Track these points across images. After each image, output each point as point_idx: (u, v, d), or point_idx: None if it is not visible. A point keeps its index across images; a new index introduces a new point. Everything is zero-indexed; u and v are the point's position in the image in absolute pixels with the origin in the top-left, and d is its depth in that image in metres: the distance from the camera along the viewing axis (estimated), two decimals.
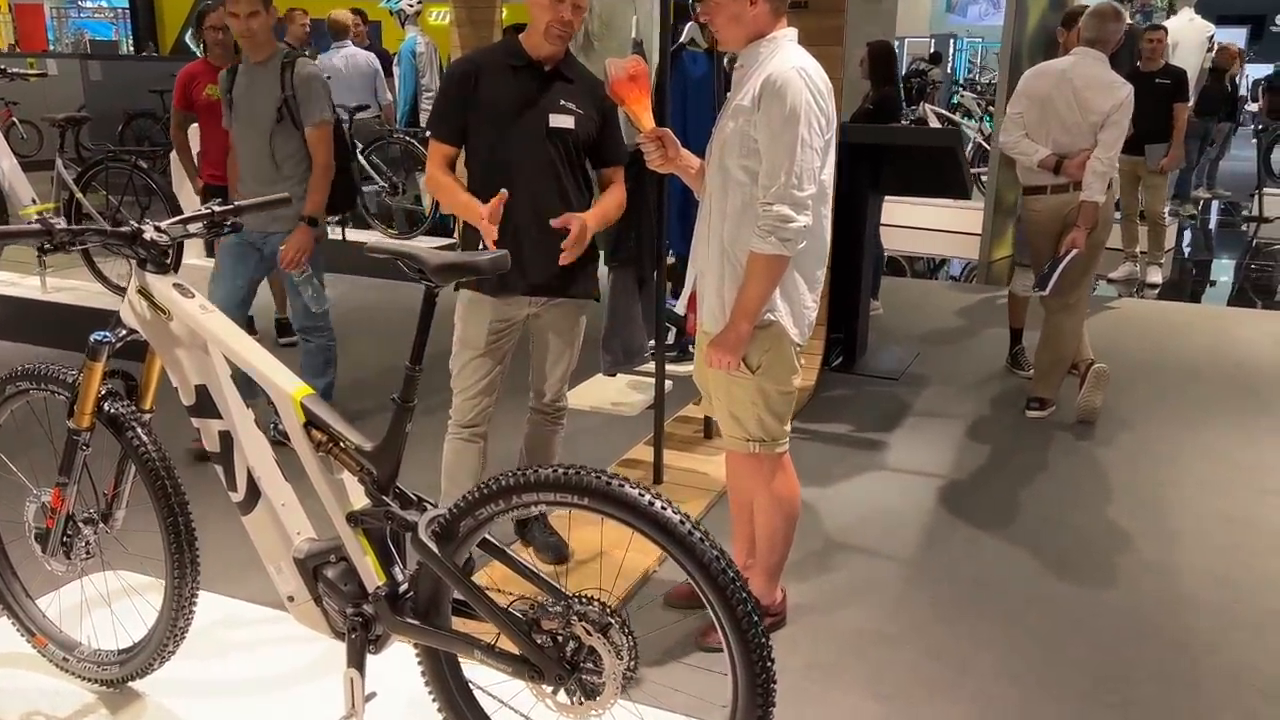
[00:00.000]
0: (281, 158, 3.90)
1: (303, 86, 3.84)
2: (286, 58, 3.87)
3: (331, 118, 3.91)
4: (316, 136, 3.87)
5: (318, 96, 3.86)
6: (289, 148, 3.89)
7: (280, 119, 3.84)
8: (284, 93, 3.83)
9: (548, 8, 2.71)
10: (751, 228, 2.43)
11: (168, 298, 2.03)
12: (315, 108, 3.85)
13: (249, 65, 3.91)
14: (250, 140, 3.92)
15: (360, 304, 6.68)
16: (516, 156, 2.80)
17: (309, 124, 3.86)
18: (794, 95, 2.34)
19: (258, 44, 3.83)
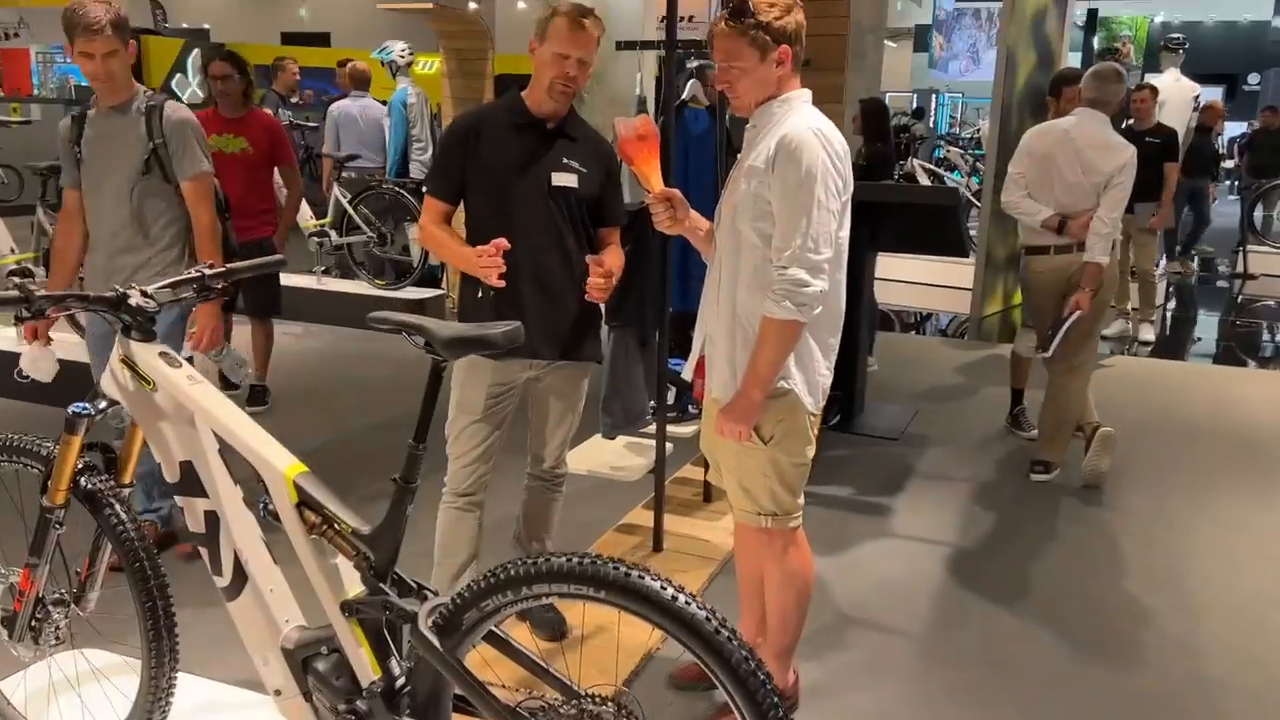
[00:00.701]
0: (150, 218, 3.28)
1: (175, 133, 3.24)
2: (152, 101, 3.26)
3: (211, 169, 3.35)
4: (196, 191, 3.28)
5: (194, 144, 3.28)
6: (158, 206, 3.28)
7: (147, 171, 3.23)
8: (151, 141, 3.21)
9: (551, 64, 2.64)
10: (764, 292, 2.33)
11: (153, 367, 1.90)
12: (191, 157, 3.27)
13: (102, 111, 3.25)
14: (106, 199, 3.26)
15: (343, 356, 6.54)
16: (518, 216, 2.70)
17: (185, 177, 3.26)
18: (810, 157, 2.26)
19: (116, 86, 3.18)
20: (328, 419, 5.22)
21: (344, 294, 7.30)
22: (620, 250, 2.89)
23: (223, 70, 4.82)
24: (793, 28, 2.34)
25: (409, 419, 1.77)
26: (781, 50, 2.33)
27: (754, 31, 2.31)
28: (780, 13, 2.32)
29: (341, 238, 7.29)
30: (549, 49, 2.63)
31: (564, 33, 2.62)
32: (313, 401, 5.56)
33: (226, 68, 4.82)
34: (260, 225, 4.91)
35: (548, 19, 2.66)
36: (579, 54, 2.63)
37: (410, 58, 7.35)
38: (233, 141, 4.85)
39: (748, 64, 2.35)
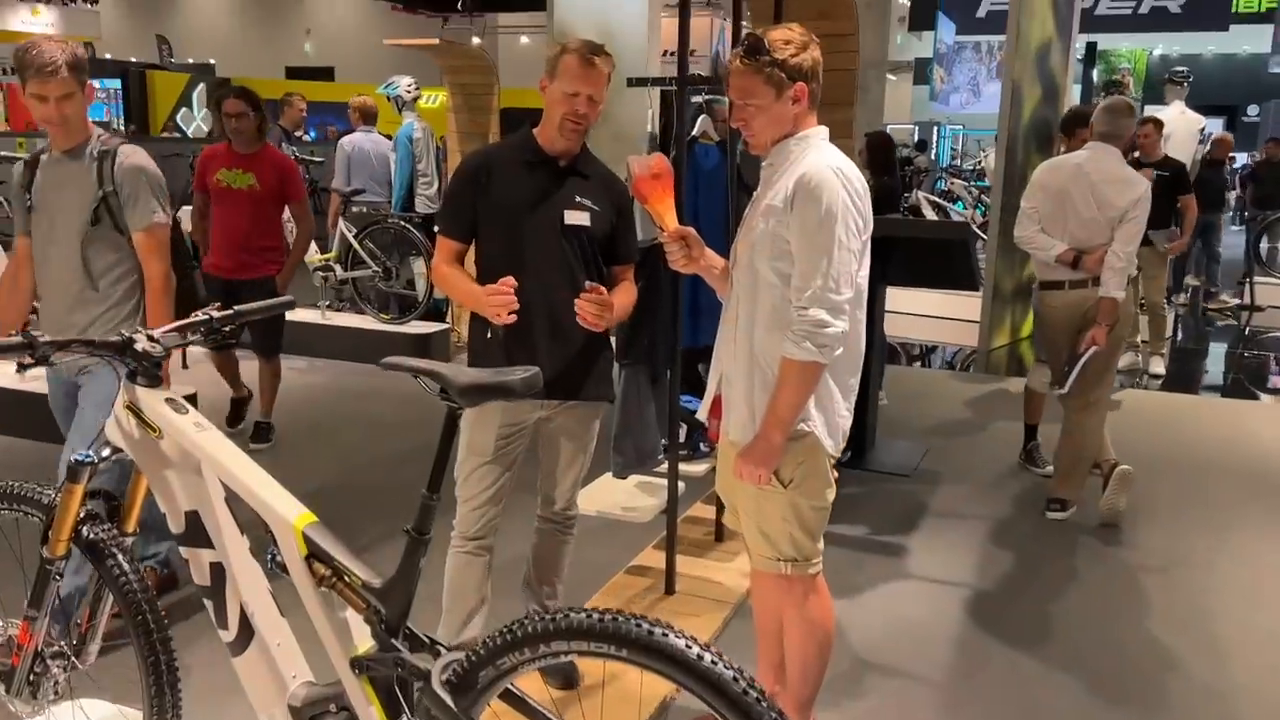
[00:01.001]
0: (98, 271, 3.01)
1: (128, 181, 2.97)
2: (105, 146, 2.99)
3: (167, 219, 3.06)
4: (148, 243, 3.00)
5: (147, 192, 2.99)
6: (108, 259, 3.02)
7: (96, 221, 2.96)
8: (101, 189, 2.95)
9: (562, 102, 2.60)
10: (783, 332, 2.29)
11: (159, 414, 1.85)
12: (144, 207, 2.98)
13: (54, 156, 3.02)
14: (55, 249, 3.03)
15: (348, 391, 6.48)
16: (530, 254, 2.66)
17: (137, 228, 2.99)
18: (830, 195, 2.22)
19: (70, 130, 2.95)
20: (333, 455, 5.16)
21: (349, 328, 7.25)
22: (633, 288, 2.84)
23: (238, 108, 4.79)
24: (809, 65, 2.31)
25: (415, 455, 1.72)
26: (797, 88, 2.30)
27: (769, 69, 2.28)
28: (796, 50, 2.29)
29: (347, 272, 7.26)
30: (559, 86, 2.60)
31: (574, 70, 2.59)
32: (318, 437, 5.50)
33: (241, 105, 4.79)
34: (265, 263, 4.87)
35: (558, 56, 2.63)
36: (589, 91, 2.60)
37: (416, 93, 7.36)
38: (241, 177, 4.82)
39: (763, 101, 2.31)
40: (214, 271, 4.82)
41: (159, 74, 19.82)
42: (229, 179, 4.78)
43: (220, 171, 4.82)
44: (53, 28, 21.67)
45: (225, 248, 4.85)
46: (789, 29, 2.32)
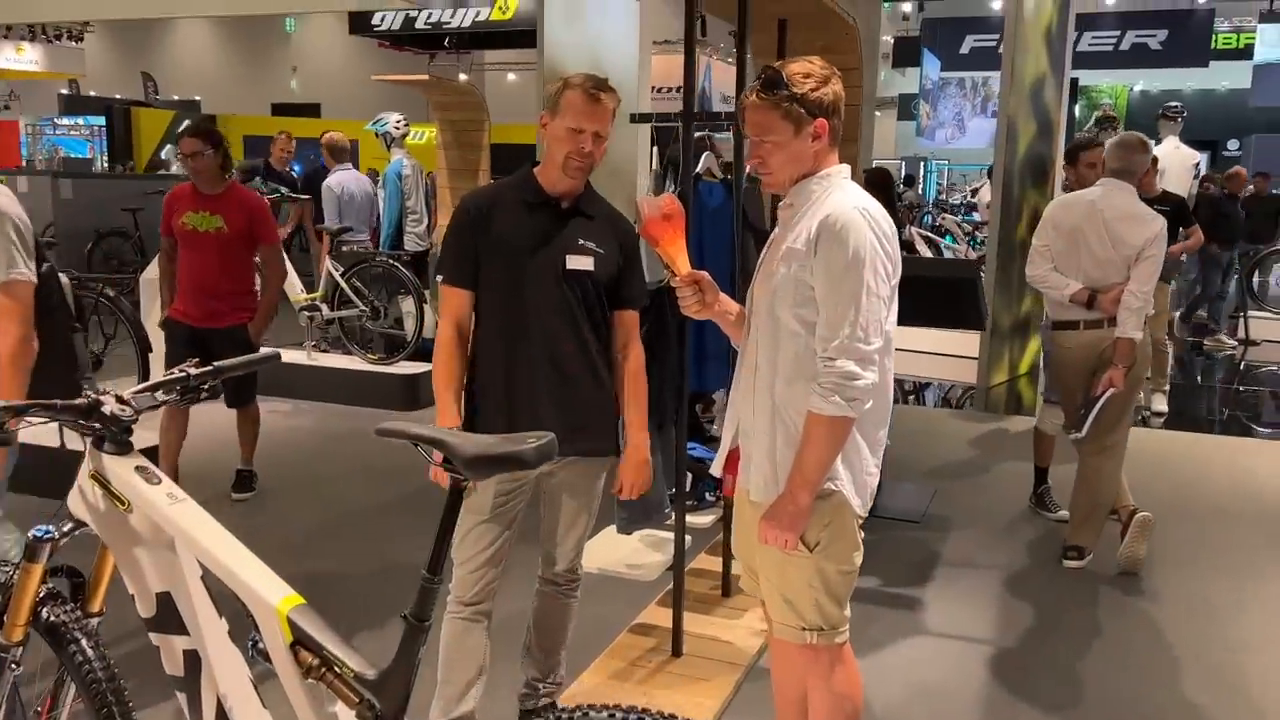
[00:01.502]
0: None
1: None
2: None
3: (29, 274, 2.53)
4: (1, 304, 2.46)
5: (3, 242, 2.48)
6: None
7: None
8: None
9: (565, 140, 2.45)
10: (808, 384, 2.13)
11: (129, 484, 1.66)
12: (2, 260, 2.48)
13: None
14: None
15: (334, 434, 6.27)
16: (530, 301, 2.50)
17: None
18: (857, 238, 2.07)
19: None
20: (319, 503, 4.95)
21: (335, 369, 7.06)
22: (639, 343, 2.68)
23: (193, 147, 4.41)
24: (830, 100, 2.17)
25: (405, 503, 1.54)
26: (818, 124, 2.15)
27: (788, 104, 2.14)
28: (816, 84, 2.15)
29: (333, 311, 7.08)
30: (562, 123, 2.45)
31: (578, 106, 2.44)
32: (303, 483, 5.29)
33: (197, 144, 4.40)
34: (235, 311, 4.55)
35: (560, 92, 2.49)
36: (595, 127, 2.46)
37: (405, 129, 7.23)
38: (207, 220, 4.48)
39: (781, 138, 2.17)
40: (181, 319, 4.54)
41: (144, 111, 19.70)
42: (195, 222, 4.47)
43: (186, 214, 4.49)
44: (37, 65, 21.52)
45: (193, 295, 4.53)
46: (809, 62, 2.18)
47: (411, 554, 4.18)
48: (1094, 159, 4.80)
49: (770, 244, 2.33)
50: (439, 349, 2.56)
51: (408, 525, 4.59)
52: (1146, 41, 21.30)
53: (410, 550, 4.25)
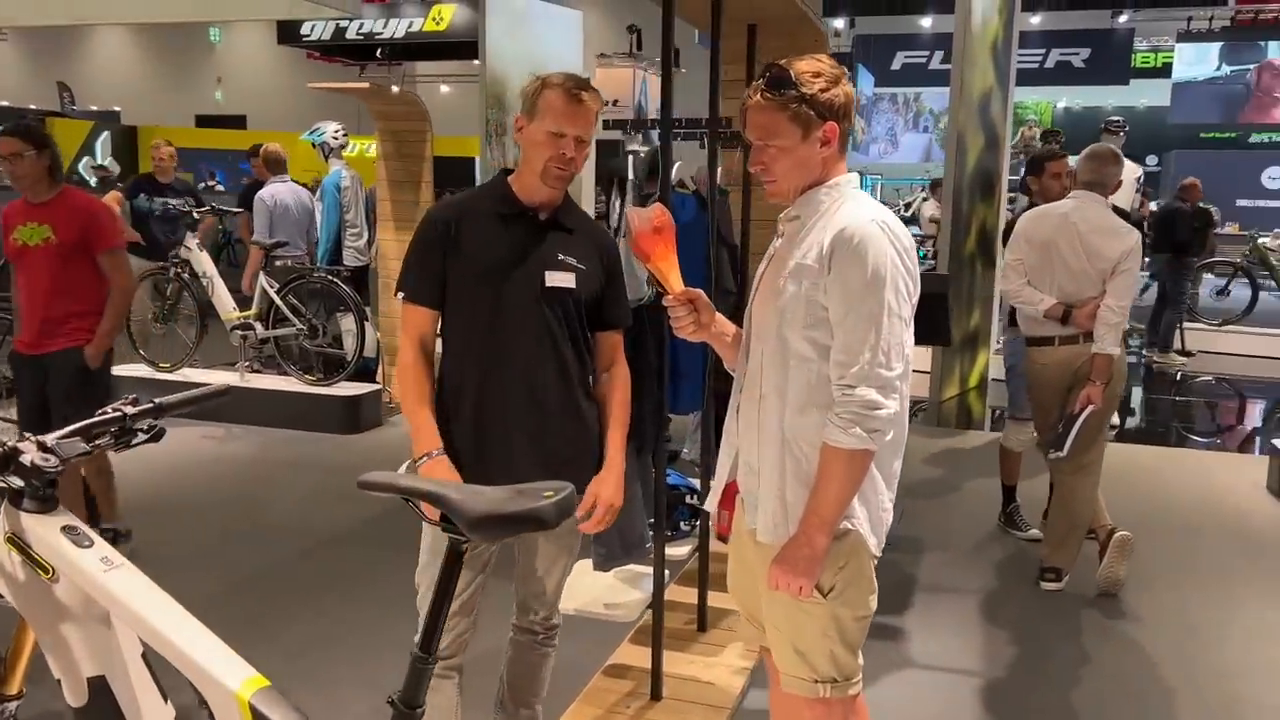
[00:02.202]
0: None
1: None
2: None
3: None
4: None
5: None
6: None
7: None
8: None
9: (544, 145, 2.23)
10: (821, 413, 1.94)
11: (54, 549, 1.40)
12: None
13: None
14: None
15: (271, 462, 5.93)
16: (505, 323, 2.28)
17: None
18: (876, 254, 1.89)
19: None
20: (258, 540, 4.62)
21: (271, 391, 6.70)
22: (625, 365, 2.47)
23: (12, 147, 3.77)
24: (841, 101, 1.98)
25: (363, 532, 1.33)
26: (827, 128, 1.96)
27: (796, 105, 1.95)
28: (826, 84, 1.96)
29: (268, 330, 6.73)
30: (540, 127, 2.23)
31: (559, 107, 2.23)
32: (239, 517, 4.95)
33: (17, 144, 3.78)
34: (71, 332, 3.88)
35: (537, 92, 2.26)
36: (576, 131, 2.24)
37: (344, 139, 6.92)
38: (36, 232, 3.83)
39: (787, 142, 1.97)
40: (21, 350, 3.94)
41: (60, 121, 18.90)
42: (24, 236, 3.83)
43: (16, 229, 3.86)
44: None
45: (28, 318, 3.92)
46: (818, 60, 2.00)
47: (381, 595, 3.91)
48: (1058, 169, 4.75)
49: (771, 259, 2.14)
50: (403, 372, 2.32)
51: (370, 559, 4.30)
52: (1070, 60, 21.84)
53: (379, 591, 3.97)
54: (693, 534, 3.63)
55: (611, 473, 2.36)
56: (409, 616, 2.22)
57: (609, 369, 2.44)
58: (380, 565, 4.25)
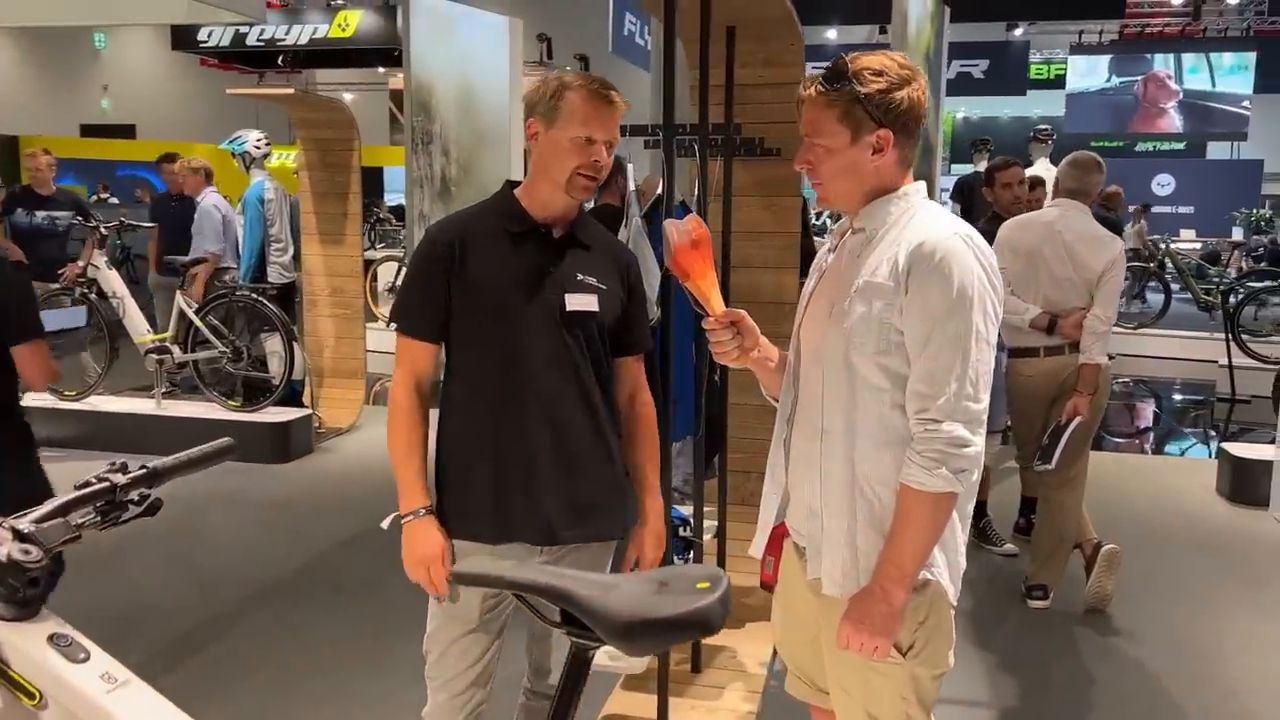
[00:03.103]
0: None
1: None
2: None
3: None
4: None
5: None
6: None
7: None
8: None
9: (572, 152, 1.98)
10: (896, 451, 1.74)
11: (39, 666, 1.09)
12: None
13: None
14: None
15: (196, 499, 5.46)
16: (523, 354, 2.02)
17: None
18: (963, 272, 1.70)
19: None
20: (194, 593, 4.20)
21: (191, 420, 6.22)
22: (648, 391, 2.24)
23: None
24: (903, 107, 1.76)
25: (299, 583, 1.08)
26: (881, 134, 1.76)
27: (849, 104, 1.75)
28: (889, 84, 1.76)
29: (186, 353, 6.26)
30: (565, 133, 1.99)
31: (587, 110, 1.98)
32: (169, 567, 4.51)
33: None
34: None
35: (556, 94, 2.01)
36: (607, 136, 2.01)
37: (266, 149, 6.49)
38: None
39: (833, 143, 1.77)
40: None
41: None
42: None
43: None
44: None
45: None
46: (887, 57, 1.80)
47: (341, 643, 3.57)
48: (1009, 179, 4.71)
49: (823, 275, 1.93)
50: (396, 415, 2.04)
51: (324, 605, 3.96)
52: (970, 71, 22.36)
53: (339, 640, 3.63)
54: None
55: (651, 530, 2.16)
56: (374, 664, 1.94)
57: (632, 397, 2.21)
58: (336, 612, 3.91)
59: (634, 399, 2.22)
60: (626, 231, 3.13)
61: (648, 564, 2.12)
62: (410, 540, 2.00)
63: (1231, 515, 5.32)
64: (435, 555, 1.98)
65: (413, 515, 2.01)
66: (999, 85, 22.25)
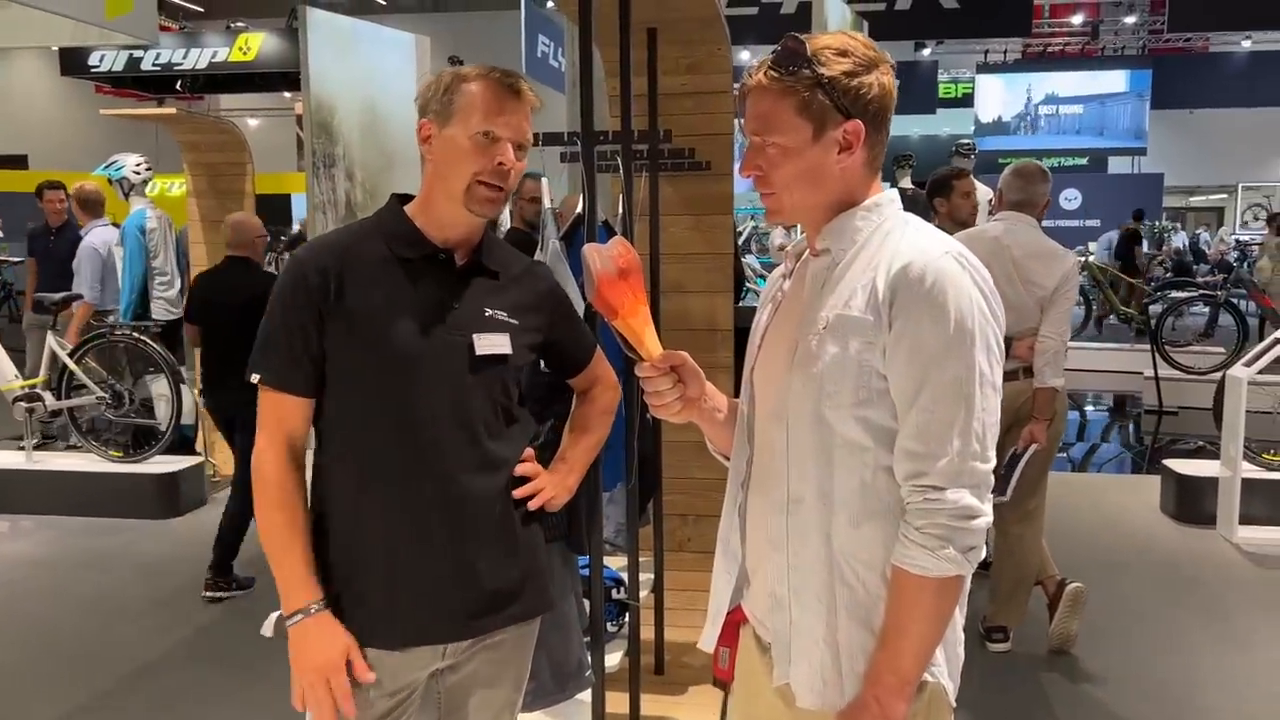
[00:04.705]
0: None
1: None
2: None
3: None
4: None
5: None
6: None
7: None
8: None
9: (472, 154, 1.61)
10: (883, 524, 1.40)
11: None
12: None
13: None
14: None
15: (71, 560, 4.89)
16: (421, 413, 1.63)
17: None
18: (958, 298, 1.37)
19: None
20: (50, 672, 3.68)
21: (66, 474, 5.64)
22: (609, 376, 1.94)
23: None
24: (875, 94, 1.43)
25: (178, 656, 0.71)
26: (849, 127, 1.42)
27: (809, 90, 1.40)
28: (855, 66, 1.42)
29: (60, 400, 5.67)
30: (463, 129, 1.61)
31: (488, 102, 1.61)
32: (20, 642, 3.96)
33: None
34: None
35: (449, 88, 1.63)
36: (513, 134, 1.63)
37: (148, 174, 5.95)
38: None
39: (791, 140, 1.42)
40: None
41: None
42: None
43: None
44: None
45: None
46: (850, 36, 1.46)
47: None
48: (968, 188, 4.47)
49: (778, 306, 1.59)
50: (265, 493, 1.62)
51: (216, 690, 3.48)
52: None
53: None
54: (621, 632, 3.02)
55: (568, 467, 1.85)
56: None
57: (586, 392, 1.93)
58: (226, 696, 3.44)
59: (588, 393, 1.93)
60: (543, 256, 2.76)
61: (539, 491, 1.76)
62: (302, 645, 1.59)
63: (1181, 536, 5.14)
64: (336, 662, 1.57)
65: (301, 613, 1.59)
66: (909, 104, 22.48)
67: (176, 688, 3.52)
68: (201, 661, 3.72)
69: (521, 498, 1.72)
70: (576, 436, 1.89)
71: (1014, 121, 21.97)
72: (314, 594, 1.59)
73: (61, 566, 4.83)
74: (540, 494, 1.74)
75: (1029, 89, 21.46)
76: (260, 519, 1.62)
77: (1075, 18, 20.73)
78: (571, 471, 1.84)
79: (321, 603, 1.60)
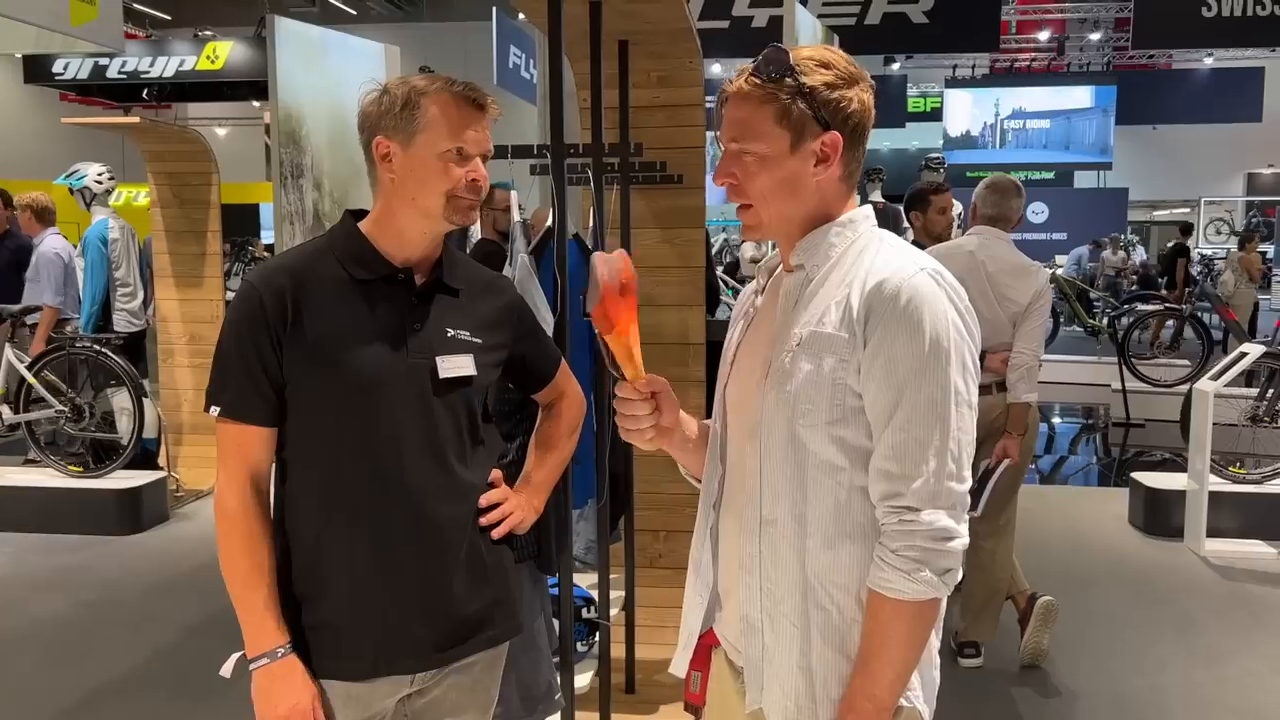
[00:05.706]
0: None
1: None
2: None
3: None
4: None
5: None
6: None
7: None
8: None
9: (441, 172, 1.57)
10: (858, 545, 1.38)
11: None
12: None
13: None
14: None
15: (27, 579, 4.77)
16: (384, 440, 1.58)
17: None
18: (934, 317, 1.35)
19: None
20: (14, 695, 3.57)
21: (24, 489, 5.51)
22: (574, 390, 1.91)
23: None
24: (854, 109, 1.42)
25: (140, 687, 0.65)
26: (827, 139, 1.40)
27: (789, 99, 1.38)
28: (837, 79, 1.40)
29: (18, 414, 5.55)
30: (429, 147, 1.57)
31: (453, 118, 1.58)
32: None
33: None
34: None
35: (410, 102, 1.58)
36: (482, 150, 1.60)
37: (110, 184, 5.86)
38: None
39: (769, 148, 1.40)
40: None
41: None
42: None
43: None
44: None
45: None
46: (829, 50, 1.45)
47: None
48: (945, 204, 4.47)
49: (751, 322, 1.56)
50: (229, 529, 1.56)
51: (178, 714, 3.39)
52: None
53: None
54: (591, 652, 2.97)
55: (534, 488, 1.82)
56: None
57: (552, 405, 1.90)
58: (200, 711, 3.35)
59: (553, 407, 1.89)
60: (511, 270, 2.71)
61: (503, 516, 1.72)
62: (267, 691, 1.53)
63: (1149, 549, 5.17)
64: (303, 710, 1.53)
65: (267, 658, 1.54)
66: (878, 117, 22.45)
67: (134, 714, 3.43)
68: (159, 689, 3.62)
69: (489, 524, 1.68)
70: (542, 455, 1.85)
71: (982, 136, 22.18)
72: (279, 638, 1.54)
73: (18, 585, 4.70)
74: (508, 519, 1.70)
75: (997, 104, 21.66)
76: (224, 558, 1.57)
77: (1042, 34, 20.99)
78: (538, 492, 1.80)
79: (288, 646, 1.55)
